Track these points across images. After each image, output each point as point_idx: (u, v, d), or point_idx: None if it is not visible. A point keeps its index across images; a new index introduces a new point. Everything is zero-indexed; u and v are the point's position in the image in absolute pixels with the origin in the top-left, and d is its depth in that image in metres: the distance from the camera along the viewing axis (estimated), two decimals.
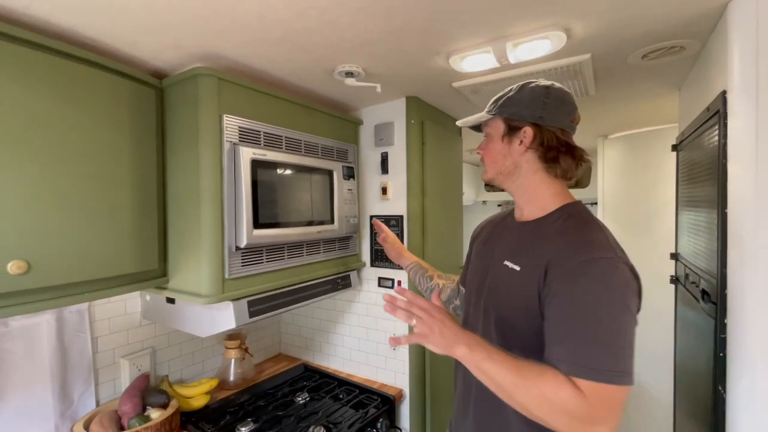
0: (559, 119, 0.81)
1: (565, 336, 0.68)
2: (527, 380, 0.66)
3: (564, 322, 0.69)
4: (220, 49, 1.04)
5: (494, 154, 0.88)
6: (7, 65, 0.79)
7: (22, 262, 0.80)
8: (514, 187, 0.88)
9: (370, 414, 1.40)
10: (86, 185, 0.93)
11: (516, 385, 0.67)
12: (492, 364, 0.68)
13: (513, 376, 0.67)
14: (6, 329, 1.06)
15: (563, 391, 0.64)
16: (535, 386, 0.65)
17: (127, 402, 1.21)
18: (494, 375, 0.68)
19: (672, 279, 1.59)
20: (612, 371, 0.64)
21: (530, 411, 0.67)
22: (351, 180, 1.52)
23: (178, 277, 1.13)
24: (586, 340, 0.66)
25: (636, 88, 1.50)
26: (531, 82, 0.84)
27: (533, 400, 0.66)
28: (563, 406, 0.64)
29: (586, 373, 0.65)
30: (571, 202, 0.84)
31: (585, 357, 0.65)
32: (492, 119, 0.87)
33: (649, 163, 2.23)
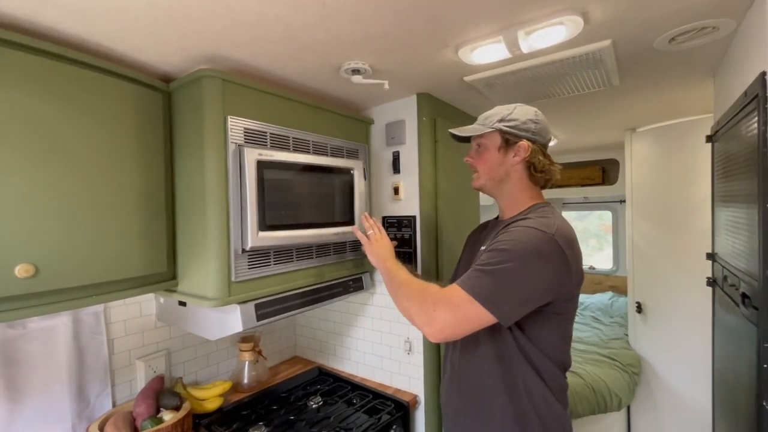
0: (544, 137, 1.00)
1: (471, 268, 0.87)
2: (411, 283, 0.95)
3: (480, 260, 0.86)
4: (223, 51, 1.03)
5: (489, 163, 1.01)
6: (14, 73, 0.81)
7: (30, 265, 0.81)
8: (500, 193, 1.03)
9: (383, 420, 1.37)
10: (94, 189, 0.94)
11: (401, 285, 0.96)
12: (397, 276, 1.00)
13: (405, 281, 0.97)
14: (24, 331, 1.09)
15: (430, 287, 0.90)
16: (414, 285, 0.94)
17: (141, 403, 1.22)
18: (395, 282, 0.98)
19: (709, 281, 1.47)
20: (477, 288, 0.81)
21: (403, 303, 0.93)
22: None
23: (187, 280, 1.13)
24: (478, 268, 0.85)
25: (665, 76, 1.40)
26: (521, 105, 1.01)
27: (407, 293, 0.92)
28: (423, 296, 0.88)
29: (461, 282, 0.84)
30: (541, 201, 1.00)
31: (470, 275, 0.85)
32: (490, 132, 1.00)
33: (681, 157, 2.09)
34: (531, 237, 0.83)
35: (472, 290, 0.81)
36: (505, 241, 0.85)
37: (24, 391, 1.09)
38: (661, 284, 2.21)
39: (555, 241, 0.83)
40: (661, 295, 2.22)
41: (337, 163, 1.36)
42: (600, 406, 2.01)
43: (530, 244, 0.82)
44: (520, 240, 0.83)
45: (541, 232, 0.83)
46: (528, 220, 0.89)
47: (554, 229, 0.85)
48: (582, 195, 3.31)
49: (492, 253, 0.85)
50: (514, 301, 0.81)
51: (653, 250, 2.25)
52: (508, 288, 0.81)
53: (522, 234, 0.85)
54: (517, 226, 0.88)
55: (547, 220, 0.88)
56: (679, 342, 2.11)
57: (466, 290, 0.82)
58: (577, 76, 1.30)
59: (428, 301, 0.86)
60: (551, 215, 0.92)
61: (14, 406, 1.07)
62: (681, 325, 2.11)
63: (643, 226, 2.30)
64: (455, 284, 0.85)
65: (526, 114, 0.98)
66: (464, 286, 0.83)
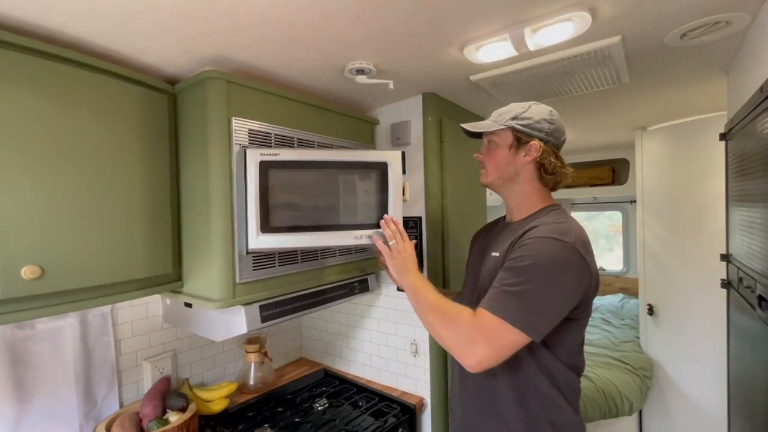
0: (557, 138, 0.97)
1: (494, 285, 0.84)
2: (441, 307, 0.87)
3: (500, 276, 0.84)
4: (227, 52, 1.03)
5: (499, 160, 0.99)
6: (22, 75, 0.82)
7: (36, 267, 0.82)
8: (509, 192, 1.01)
9: (389, 423, 1.35)
10: (100, 191, 0.94)
11: (432, 309, 0.88)
12: (423, 295, 0.92)
13: (433, 304, 0.89)
14: (32, 332, 1.10)
15: (462, 315, 0.83)
16: (445, 311, 0.86)
17: (147, 404, 1.23)
18: (423, 303, 0.91)
19: (723, 283, 1.43)
20: (511, 313, 0.78)
21: (435, 329, 0.87)
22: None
23: (192, 281, 1.13)
24: (505, 289, 0.81)
25: (676, 73, 1.36)
26: (536, 104, 0.98)
27: (439, 319, 0.86)
28: (456, 326, 0.82)
29: (490, 306, 0.81)
30: (552, 203, 0.98)
31: (498, 298, 0.81)
32: (502, 129, 0.97)
33: (694, 155, 2.05)
34: (553, 249, 0.81)
35: (506, 316, 0.78)
36: (527, 256, 0.82)
37: (32, 392, 1.10)
38: (673, 286, 2.17)
39: (576, 250, 0.81)
40: (673, 297, 2.17)
41: (364, 157, 1.14)
42: (611, 411, 1.97)
43: (553, 257, 0.80)
44: (543, 254, 0.81)
45: (561, 243, 0.81)
46: (543, 227, 0.86)
47: (573, 236, 0.83)
48: (591, 195, 3.27)
49: (515, 271, 0.82)
50: (546, 319, 0.80)
51: (665, 251, 2.20)
52: (539, 307, 0.79)
53: (543, 247, 0.82)
54: (535, 238, 0.84)
55: (564, 226, 0.85)
56: (693, 345, 2.07)
57: (499, 316, 0.79)
58: (586, 73, 1.28)
59: (463, 333, 0.81)
60: (565, 219, 0.90)
61: (22, 406, 1.08)
62: (694, 328, 2.06)
63: (654, 227, 2.26)
64: (486, 311, 0.81)
65: (541, 113, 0.95)
66: (497, 312, 0.79)
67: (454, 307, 0.87)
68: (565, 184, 1.01)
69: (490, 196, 1.99)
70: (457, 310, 0.86)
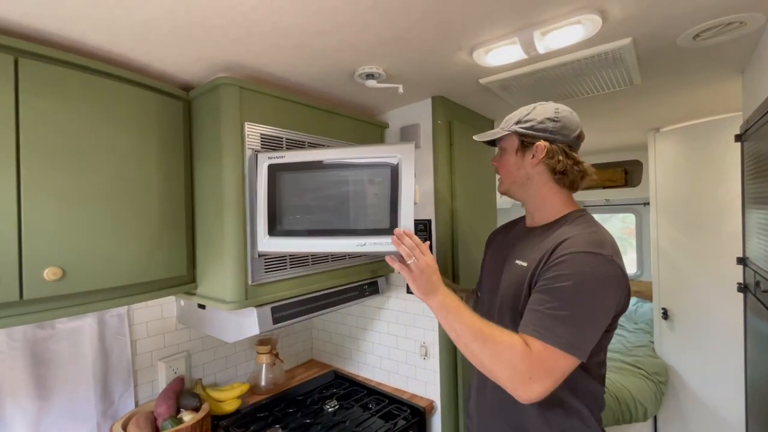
0: (567, 136, 0.92)
1: (536, 308, 0.79)
2: (485, 334, 0.79)
3: (540, 297, 0.80)
4: (241, 59, 1.05)
5: (509, 166, 0.98)
6: (43, 84, 0.85)
7: (57, 268, 0.85)
8: (526, 197, 0.99)
9: (399, 426, 1.36)
10: (118, 195, 0.97)
11: (475, 336, 0.79)
12: (457, 317, 0.82)
13: (474, 329, 0.80)
14: (53, 331, 1.14)
15: (515, 347, 0.76)
16: (491, 338, 0.78)
17: (162, 404, 1.25)
18: (458, 326, 0.82)
19: (740, 287, 1.40)
20: (564, 339, 0.74)
21: (481, 360, 0.79)
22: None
23: (206, 283, 1.15)
24: (551, 314, 0.77)
25: (689, 74, 1.35)
26: (542, 103, 0.96)
27: (487, 350, 0.78)
28: (510, 358, 0.75)
29: (541, 335, 0.76)
30: (577, 209, 0.95)
31: (545, 324, 0.76)
32: (507, 135, 0.97)
33: (709, 157, 2.01)
34: (592, 266, 0.78)
35: (560, 344, 0.74)
36: (568, 275, 0.78)
37: (52, 390, 1.13)
38: (688, 289, 2.13)
39: (614, 262, 0.79)
40: (688, 301, 2.13)
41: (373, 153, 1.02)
42: (624, 416, 1.94)
43: (594, 274, 0.78)
44: (584, 272, 0.78)
45: (600, 257, 0.79)
46: (576, 240, 0.82)
47: (608, 247, 0.81)
48: (604, 197, 3.22)
49: (558, 294, 0.77)
50: (594, 338, 0.78)
51: (679, 254, 2.16)
52: (588, 328, 0.77)
53: (582, 265, 0.78)
54: (571, 253, 0.79)
55: (597, 237, 0.83)
56: (709, 350, 2.02)
57: (555, 346, 0.74)
58: (597, 75, 1.27)
59: (521, 368, 0.74)
60: (596, 228, 0.87)
61: (43, 403, 1.11)
62: (710, 332, 2.01)
63: (668, 229, 2.22)
64: (539, 341, 0.75)
65: (544, 113, 0.93)
66: (552, 342, 0.74)
67: (502, 335, 0.79)
68: (589, 182, 0.97)
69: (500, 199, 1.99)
70: (505, 337, 0.78)
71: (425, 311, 1.51)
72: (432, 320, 1.49)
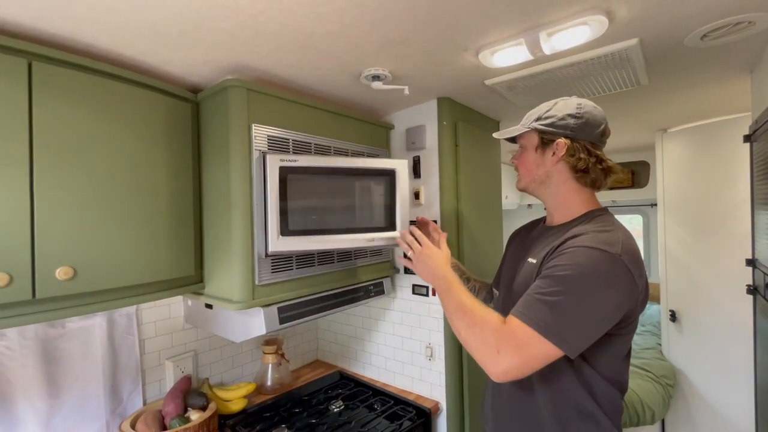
0: (589, 133, 0.88)
1: (528, 292, 0.79)
2: (467, 307, 0.83)
3: (535, 284, 0.80)
4: (248, 61, 1.06)
5: (528, 163, 0.96)
6: (56, 87, 0.86)
7: (69, 268, 0.86)
8: (545, 195, 0.96)
9: (404, 426, 1.36)
10: (127, 196, 0.99)
11: (457, 308, 0.85)
12: (449, 293, 0.88)
13: (458, 302, 0.85)
14: (63, 330, 1.15)
15: (488, 321, 0.79)
16: (470, 312, 0.82)
17: (170, 402, 1.26)
18: (447, 302, 0.88)
19: (749, 288, 1.39)
20: (546, 325, 0.73)
21: (459, 331, 0.83)
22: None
23: (213, 283, 1.16)
24: (539, 298, 0.76)
25: (697, 74, 1.34)
26: (564, 99, 0.92)
27: (464, 322, 0.82)
28: (481, 330, 0.79)
29: (521, 314, 0.76)
30: (598, 208, 0.92)
31: (530, 305, 0.77)
32: (527, 132, 0.95)
33: (717, 157, 1.99)
34: (595, 260, 0.75)
35: (537, 326, 0.73)
36: (566, 266, 0.76)
37: (63, 388, 1.15)
38: (696, 291, 2.10)
39: (621, 262, 0.75)
40: (696, 303, 2.11)
41: (374, 164, 1.24)
42: (632, 419, 1.93)
43: (595, 269, 0.74)
44: (583, 264, 0.75)
45: (605, 254, 0.75)
46: (586, 236, 0.79)
47: (619, 246, 0.76)
48: (611, 199, 3.20)
49: (551, 280, 0.76)
50: (583, 334, 0.74)
51: (688, 256, 2.14)
52: (574, 321, 0.74)
53: (584, 257, 0.76)
54: (577, 246, 0.78)
55: (610, 236, 0.79)
56: (718, 353, 2.00)
57: (530, 325, 0.74)
58: (603, 76, 1.27)
59: (490, 340, 0.76)
60: (612, 227, 0.83)
61: (54, 401, 1.13)
62: (719, 335, 1.99)
63: (676, 231, 2.20)
64: (517, 319, 0.76)
65: (566, 108, 0.89)
66: (528, 321, 0.74)
67: (483, 310, 0.82)
68: (615, 179, 0.94)
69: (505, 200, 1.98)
70: (485, 313, 0.81)
71: (430, 312, 1.51)
72: (438, 321, 1.49)
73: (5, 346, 1.05)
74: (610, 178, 0.91)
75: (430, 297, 1.51)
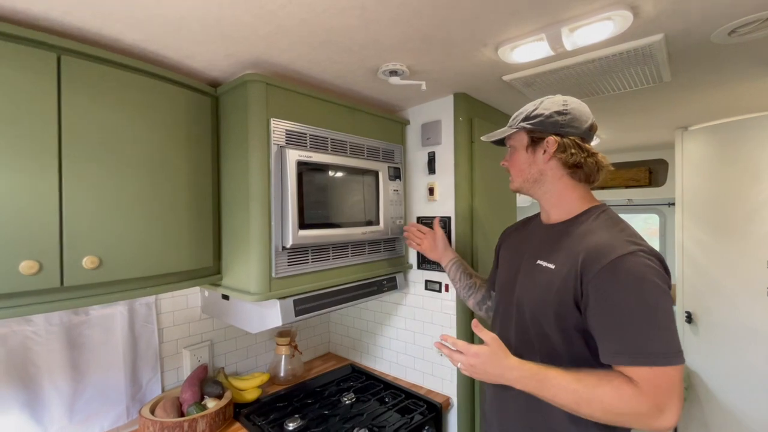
0: (578, 128, 0.90)
1: (614, 329, 0.74)
2: (586, 397, 0.73)
3: (608, 318, 0.75)
4: (267, 56, 1.07)
5: (520, 164, 0.97)
6: (83, 80, 0.89)
7: (95, 257, 0.89)
8: (540, 193, 0.96)
9: (415, 420, 1.37)
10: (150, 188, 1.01)
11: (578, 404, 0.74)
12: (548, 393, 0.76)
13: (572, 396, 0.74)
14: (87, 317, 1.19)
15: (624, 395, 0.71)
16: (595, 400, 0.72)
17: (187, 390, 1.30)
18: (553, 399, 0.76)
19: None
20: (667, 353, 0.70)
21: (599, 419, 0.74)
22: (397, 181, 1.50)
23: (231, 275, 1.18)
24: (636, 329, 0.72)
25: (722, 71, 1.30)
26: (549, 97, 0.93)
27: (598, 412, 0.73)
28: (628, 409, 0.70)
29: (647, 360, 0.70)
30: (597, 204, 0.92)
31: (640, 345, 0.71)
32: (516, 133, 0.96)
33: (740, 156, 1.94)
34: (641, 265, 0.74)
35: (661, 361, 0.70)
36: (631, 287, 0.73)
37: (85, 373, 1.19)
38: (714, 293, 2.06)
39: (655, 252, 0.77)
40: (714, 305, 2.07)
41: (372, 164, 1.38)
42: None
43: (647, 274, 0.74)
44: (642, 276, 0.74)
45: (642, 253, 0.76)
46: (615, 244, 0.78)
47: (635, 245, 0.77)
48: (626, 197, 3.15)
49: (632, 309, 0.72)
50: (677, 333, 0.73)
51: (706, 257, 2.10)
52: (673, 328, 0.73)
53: (635, 267, 0.74)
54: (617, 258, 0.75)
55: (629, 232, 0.81)
56: (736, 356, 1.96)
57: (659, 365, 0.70)
58: (624, 72, 1.24)
59: (644, 410, 0.70)
60: (623, 223, 0.84)
61: (77, 385, 1.17)
62: (737, 338, 1.95)
63: (694, 231, 2.16)
64: (641, 368, 0.71)
65: (552, 106, 0.90)
66: (652, 362, 0.70)
67: (601, 387, 0.72)
68: (607, 175, 0.94)
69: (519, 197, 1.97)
70: (608, 389, 0.72)
71: (443, 308, 1.52)
72: (450, 317, 1.50)
73: (32, 332, 1.09)
74: (602, 172, 0.92)
75: (443, 293, 1.51)
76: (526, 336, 0.90)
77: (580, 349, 0.82)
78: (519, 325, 0.93)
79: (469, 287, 1.27)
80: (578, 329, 0.81)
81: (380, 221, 1.42)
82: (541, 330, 0.87)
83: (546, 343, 0.86)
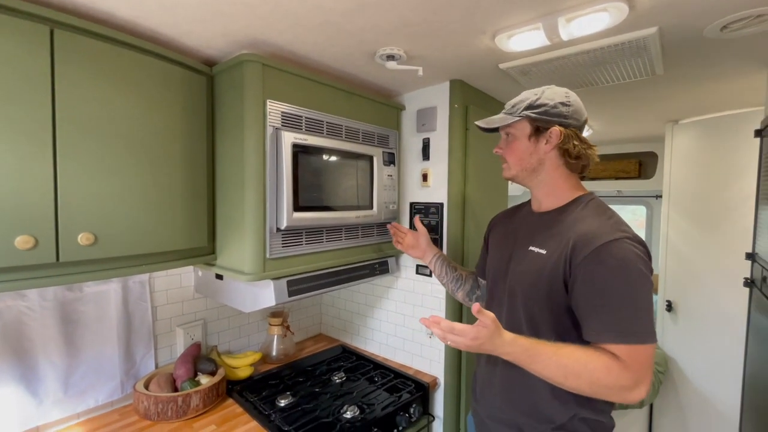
0: (578, 120, 0.93)
1: (600, 309, 0.79)
2: (575, 371, 0.78)
3: (594, 298, 0.80)
4: (265, 36, 1.06)
5: (520, 152, 0.97)
6: (77, 55, 0.87)
7: (91, 234, 0.89)
8: (535, 183, 0.98)
9: (403, 398, 1.42)
10: (145, 167, 1.01)
11: (566, 377, 0.79)
12: (537, 366, 0.81)
13: (561, 370, 0.79)
14: (81, 294, 1.20)
15: (610, 368, 0.76)
16: (584, 374, 0.77)
17: (181, 367, 1.32)
18: (541, 373, 0.81)
19: (746, 282, 1.42)
20: (647, 332, 0.77)
21: (582, 391, 0.79)
22: (391, 166, 1.51)
23: (225, 255, 1.20)
24: (621, 310, 0.78)
25: (714, 66, 1.33)
26: (549, 87, 0.95)
27: (584, 385, 0.78)
28: (614, 383, 0.76)
29: (632, 338, 0.76)
30: (585, 193, 0.96)
31: (625, 324, 0.77)
32: (517, 121, 0.95)
33: (727, 151, 1.99)
34: (626, 251, 0.79)
35: (640, 339, 0.76)
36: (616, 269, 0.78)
37: (80, 348, 1.20)
38: (694, 283, 2.14)
39: (640, 239, 0.82)
40: (693, 294, 2.15)
41: (366, 148, 1.39)
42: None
43: (630, 259, 0.78)
44: (626, 260, 0.79)
45: (627, 240, 0.80)
46: (603, 231, 0.82)
47: (621, 232, 0.81)
48: (616, 189, 3.21)
49: (614, 289, 0.78)
50: (652, 313, 0.80)
51: (688, 248, 2.17)
52: (649, 308, 0.78)
53: (621, 252, 0.79)
54: (605, 243, 0.79)
55: (616, 220, 0.86)
56: (710, 343, 2.05)
57: (639, 343, 0.76)
58: (618, 64, 1.26)
59: (626, 383, 0.76)
60: (609, 212, 0.89)
61: (72, 360, 1.19)
62: (713, 326, 2.04)
63: (679, 223, 2.22)
64: (622, 346, 0.77)
65: (556, 96, 0.91)
66: (633, 340, 0.76)
67: (588, 361, 0.77)
68: (593, 166, 0.98)
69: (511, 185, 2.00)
70: (595, 362, 0.77)
71: (433, 292, 1.55)
72: (439, 300, 1.53)
73: (26, 306, 1.10)
74: (592, 164, 0.97)
75: (432, 277, 1.54)
76: (516, 316, 0.94)
77: (566, 328, 0.87)
78: (510, 310, 0.96)
79: (456, 280, 1.29)
80: (566, 309, 0.86)
81: (374, 206, 1.43)
82: (532, 312, 0.90)
83: (533, 326, 0.90)
